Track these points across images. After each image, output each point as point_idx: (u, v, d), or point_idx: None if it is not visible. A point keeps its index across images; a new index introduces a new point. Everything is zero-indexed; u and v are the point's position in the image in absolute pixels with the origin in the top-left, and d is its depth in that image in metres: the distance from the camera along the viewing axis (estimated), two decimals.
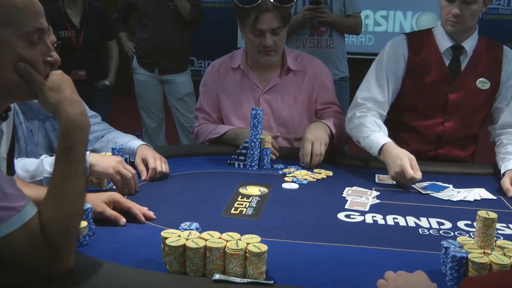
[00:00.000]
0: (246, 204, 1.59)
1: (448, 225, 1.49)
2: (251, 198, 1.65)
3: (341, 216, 1.53)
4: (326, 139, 2.02)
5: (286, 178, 1.85)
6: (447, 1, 1.96)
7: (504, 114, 2.04)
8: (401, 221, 1.51)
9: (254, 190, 1.72)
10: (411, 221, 1.51)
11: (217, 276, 1.08)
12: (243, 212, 1.53)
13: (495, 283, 0.65)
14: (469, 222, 1.51)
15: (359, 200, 1.66)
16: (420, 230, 1.44)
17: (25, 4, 1.03)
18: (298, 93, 2.26)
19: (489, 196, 1.74)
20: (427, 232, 1.43)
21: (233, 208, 1.55)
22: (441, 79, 2.05)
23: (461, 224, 1.50)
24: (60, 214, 1.03)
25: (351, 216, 1.53)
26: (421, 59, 2.07)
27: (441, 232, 1.43)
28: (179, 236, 1.15)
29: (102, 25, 3.65)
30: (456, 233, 1.43)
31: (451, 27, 1.99)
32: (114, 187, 1.70)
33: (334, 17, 3.17)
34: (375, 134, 1.92)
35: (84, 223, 1.26)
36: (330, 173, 1.93)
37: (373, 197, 1.69)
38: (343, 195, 1.70)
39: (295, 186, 1.79)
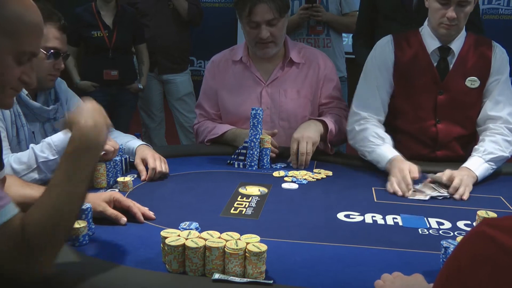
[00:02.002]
0: (245, 204, 1.59)
1: (447, 225, 1.49)
2: (250, 198, 1.65)
3: (341, 216, 1.53)
4: (315, 137, 1.99)
5: (286, 178, 1.85)
6: (441, 4, 1.91)
7: (485, 107, 2.01)
8: (400, 221, 1.51)
9: (253, 190, 1.72)
10: None
11: (216, 276, 1.08)
12: (243, 212, 1.53)
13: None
14: (468, 222, 1.51)
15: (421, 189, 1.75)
16: (419, 230, 1.44)
17: (33, 25, 1.02)
18: (301, 87, 2.21)
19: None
20: (427, 232, 1.43)
21: (233, 208, 1.55)
22: (430, 80, 2.02)
23: (460, 224, 1.50)
24: (46, 217, 0.99)
25: (351, 216, 1.53)
26: (409, 61, 2.03)
27: (440, 232, 1.43)
28: (179, 235, 1.16)
29: (134, 27, 3.64)
30: (455, 233, 1.43)
31: (445, 30, 1.94)
32: (113, 187, 1.70)
33: (330, 16, 3.16)
34: (380, 148, 1.92)
35: (84, 223, 1.26)
36: (330, 173, 1.93)
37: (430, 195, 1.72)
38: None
39: (294, 186, 1.79)
